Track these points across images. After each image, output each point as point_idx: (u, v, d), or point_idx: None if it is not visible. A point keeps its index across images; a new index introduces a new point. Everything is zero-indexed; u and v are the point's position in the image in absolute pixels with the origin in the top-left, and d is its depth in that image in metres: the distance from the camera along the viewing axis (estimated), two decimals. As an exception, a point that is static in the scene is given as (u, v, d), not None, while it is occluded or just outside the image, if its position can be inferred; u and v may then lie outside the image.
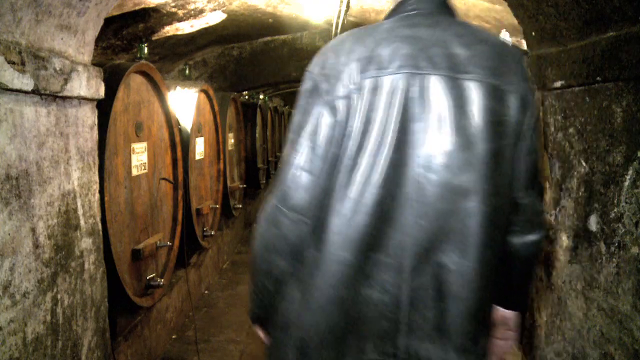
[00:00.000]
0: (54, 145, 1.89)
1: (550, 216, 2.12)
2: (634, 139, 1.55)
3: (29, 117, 1.74)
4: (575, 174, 1.91)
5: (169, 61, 4.64)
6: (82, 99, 2.10)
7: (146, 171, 3.06)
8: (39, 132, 1.79)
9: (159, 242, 3.14)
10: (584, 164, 1.85)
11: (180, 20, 3.60)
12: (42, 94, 1.79)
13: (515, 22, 2.30)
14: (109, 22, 3.02)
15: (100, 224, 2.29)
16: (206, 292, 4.70)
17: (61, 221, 1.94)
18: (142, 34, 3.50)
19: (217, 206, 4.72)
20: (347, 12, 3.59)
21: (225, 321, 4.05)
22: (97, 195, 2.27)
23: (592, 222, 1.78)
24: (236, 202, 5.64)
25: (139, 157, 2.96)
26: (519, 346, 2.53)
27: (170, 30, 3.72)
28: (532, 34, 2.17)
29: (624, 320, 1.55)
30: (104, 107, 2.39)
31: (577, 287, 1.87)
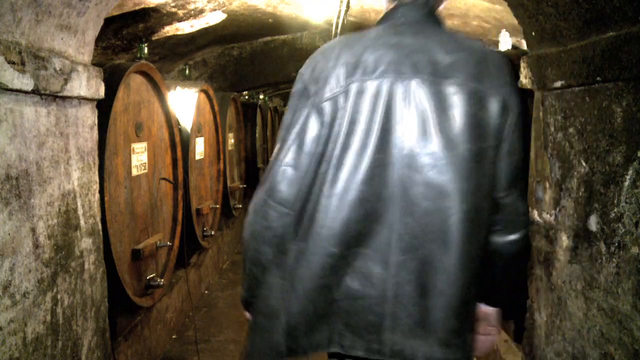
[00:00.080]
0: (54, 145, 1.89)
1: (550, 216, 2.12)
2: (634, 139, 1.55)
3: (29, 117, 1.74)
4: (575, 174, 1.92)
5: (169, 61, 4.64)
6: (82, 99, 2.10)
7: (146, 171, 3.06)
8: (39, 132, 1.79)
9: (159, 242, 3.14)
10: (584, 164, 1.85)
11: (180, 20, 3.60)
12: (42, 94, 1.79)
13: (515, 22, 2.30)
14: (109, 22, 3.01)
15: (100, 224, 2.30)
16: (206, 292, 4.70)
17: (61, 221, 1.94)
18: (142, 34, 3.50)
19: (217, 206, 4.72)
20: (347, 12, 3.59)
21: (225, 321, 4.05)
22: (97, 195, 2.27)
23: (592, 222, 1.78)
24: (236, 202, 5.64)
25: (139, 157, 2.96)
26: (519, 346, 2.53)
27: (170, 30, 3.72)
28: (532, 34, 2.17)
29: (624, 320, 1.55)
30: (104, 107, 2.39)
31: (577, 287, 1.87)
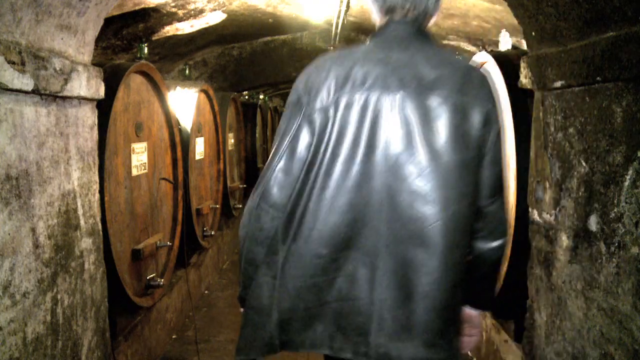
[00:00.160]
0: (54, 145, 1.89)
1: (550, 216, 2.12)
2: (634, 139, 1.56)
3: (29, 117, 1.74)
4: (575, 174, 1.92)
5: (169, 61, 4.64)
6: (82, 99, 2.10)
7: (146, 171, 3.06)
8: (39, 132, 1.79)
9: (159, 242, 3.14)
10: (584, 164, 1.85)
11: (180, 20, 3.60)
12: (42, 94, 1.79)
13: (515, 22, 2.30)
14: (109, 22, 3.01)
15: (100, 224, 2.30)
16: (206, 292, 4.70)
17: (61, 221, 1.94)
18: (142, 34, 3.50)
19: (217, 206, 4.72)
20: (347, 12, 3.59)
21: (225, 321, 4.05)
22: (97, 195, 2.27)
23: (592, 222, 1.78)
24: (236, 202, 5.64)
25: (139, 157, 2.96)
26: (519, 346, 2.53)
27: (170, 30, 3.72)
28: (532, 34, 2.18)
29: (624, 320, 1.55)
30: (104, 107, 2.39)
31: (577, 287, 1.87)
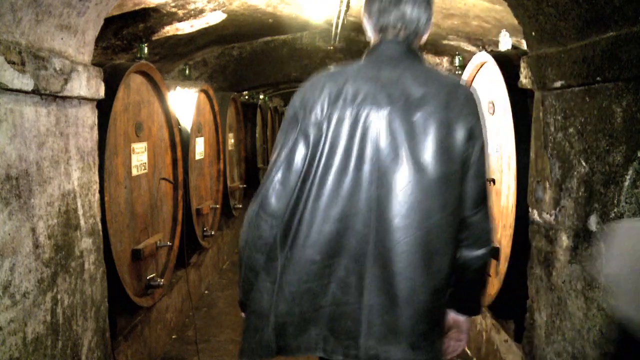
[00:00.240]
0: (54, 145, 1.89)
1: (550, 216, 2.12)
2: (634, 139, 1.55)
3: (29, 117, 1.74)
4: (575, 174, 1.92)
5: (169, 61, 4.64)
6: (82, 99, 2.10)
7: (146, 171, 3.06)
8: (39, 132, 1.79)
9: (159, 242, 3.14)
10: (584, 164, 1.85)
11: (180, 20, 3.60)
12: (42, 94, 1.79)
13: (515, 22, 2.30)
14: (109, 22, 3.01)
15: (100, 224, 2.30)
16: (206, 292, 4.70)
17: (61, 221, 1.94)
18: (142, 34, 3.50)
19: (217, 206, 4.72)
20: (347, 12, 3.59)
21: (225, 321, 4.05)
22: (97, 195, 2.27)
23: (592, 222, 1.78)
24: (236, 202, 5.64)
25: (139, 157, 2.96)
26: (519, 346, 2.53)
27: (170, 30, 3.72)
28: (532, 34, 2.17)
29: (624, 320, 1.55)
30: (104, 107, 2.39)
31: (577, 287, 1.87)
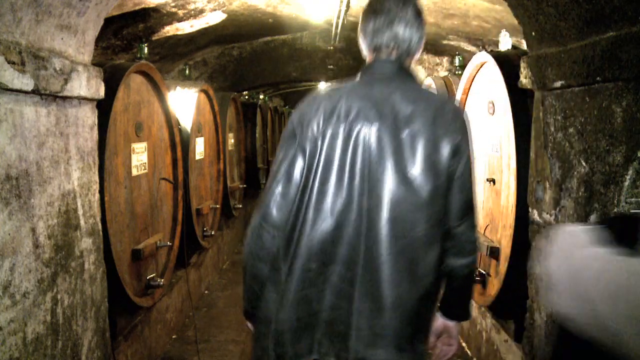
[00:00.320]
0: (54, 145, 1.89)
1: (550, 216, 2.12)
2: (634, 139, 1.55)
3: (29, 117, 1.74)
4: (575, 174, 1.92)
5: (169, 61, 4.64)
6: (82, 99, 2.10)
7: (146, 171, 3.06)
8: (39, 132, 1.79)
9: (159, 242, 3.14)
10: (584, 164, 1.85)
11: (180, 20, 3.60)
12: (42, 94, 1.79)
13: (515, 22, 2.30)
14: (109, 22, 3.01)
15: (100, 224, 2.30)
16: (206, 292, 4.70)
17: (61, 221, 1.94)
18: (142, 34, 3.50)
19: (217, 206, 4.72)
20: (347, 12, 3.60)
21: (225, 321, 4.05)
22: (97, 195, 2.27)
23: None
24: (236, 202, 5.64)
25: (139, 157, 2.96)
26: (519, 346, 2.53)
27: (170, 30, 3.72)
28: (532, 34, 2.17)
29: (624, 320, 1.55)
30: (104, 107, 2.39)
31: (577, 287, 1.87)
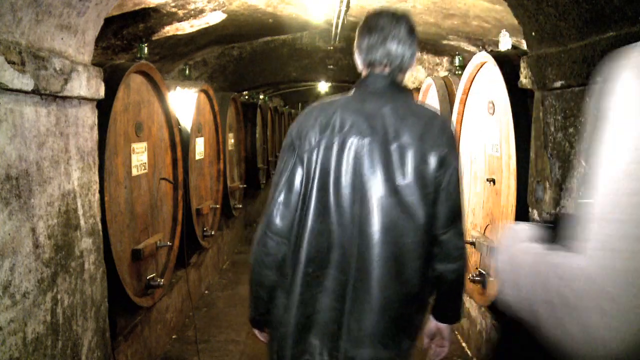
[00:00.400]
0: (54, 145, 1.89)
1: (550, 216, 2.12)
2: (634, 139, 1.55)
3: (29, 117, 1.74)
4: (575, 174, 1.91)
5: (169, 61, 4.64)
6: (82, 99, 2.10)
7: (146, 171, 3.06)
8: (39, 132, 1.79)
9: (159, 242, 3.14)
10: (584, 164, 1.85)
11: (180, 20, 3.60)
12: (42, 94, 1.79)
13: (515, 22, 2.30)
14: (109, 22, 3.01)
15: (100, 224, 2.30)
16: (206, 292, 4.70)
17: (61, 221, 1.94)
18: (142, 34, 3.50)
19: (217, 206, 4.72)
20: (347, 12, 3.60)
21: (225, 321, 4.05)
22: (97, 195, 2.27)
23: (592, 222, 1.77)
24: (236, 202, 5.64)
25: (139, 157, 2.96)
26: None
27: (170, 30, 3.72)
28: (532, 34, 2.17)
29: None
30: (104, 107, 2.39)
31: (577, 287, 1.87)
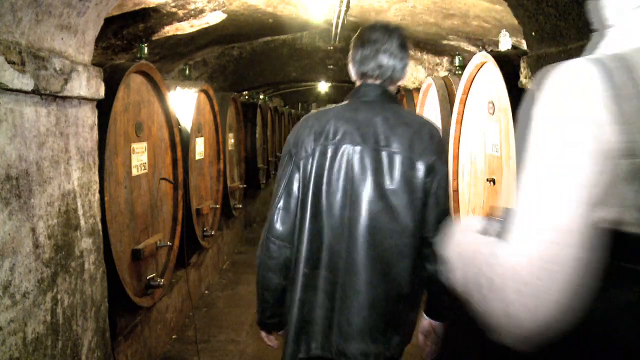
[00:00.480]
0: (54, 145, 1.90)
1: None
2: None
3: (29, 117, 1.74)
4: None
5: (169, 61, 4.64)
6: (82, 99, 2.10)
7: (146, 171, 3.06)
8: (39, 132, 1.79)
9: (159, 242, 3.14)
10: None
11: (180, 20, 3.60)
12: (42, 94, 1.79)
13: (515, 22, 2.30)
14: (109, 22, 3.01)
15: (100, 224, 2.30)
16: (206, 292, 4.70)
17: (61, 221, 1.94)
18: (142, 34, 3.50)
19: (217, 206, 4.72)
20: (347, 12, 3.60)
21: (225, 321, 4.05)
22: (97, 195, 2.27)
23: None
24: (236, 202, 5.64)
25: (139, 157, 2.96)
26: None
27: (170, 30, 3.72)
28: (532, 34, 2.17)
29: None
30: (104, 107, 2.39)
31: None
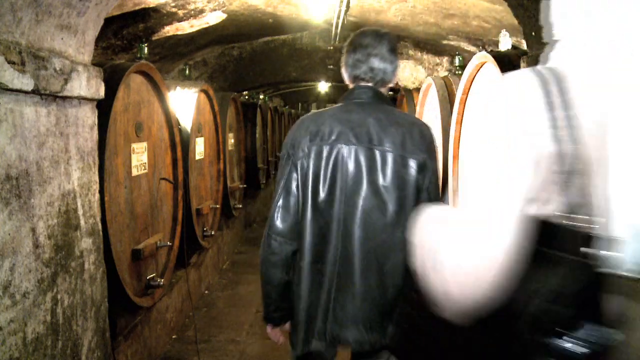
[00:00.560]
0: (54, 145, 1.90)
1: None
2: (634, 139, 1.55)
3: (29, 117, 1.74)
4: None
5: (169, 61, 4.64)
6: (82, 99, 2.10)
7: (146, 171, 3.06)
8: (39, 132, 1.79)
9: (159, 242, 3.14)
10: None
11: (180, 20, 3.60)
12: (42, 94, 1.79)
13: (515, 22, 2.30)
14: (109, 22, 3.02)
15: (100, 224, 2.30)
16: (206, 292, 4.70)
17: (61, 221, 1.94)
18: (142, 34, 3.50)
19: (217, 206, 4.72)
20: (347, 12, 3.60)
21: (225, 321, 4.05)
22: (97, 195, 2.27)
23: (592, 222, 1.78)
24: (236, 202, 5.64)
25: (139, 157, 2.96)
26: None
27: (170, 30, 3.72)
28: (532, 34, 2.17)
29: (623, 320, 1.55)
30: (104, 107, 2.39)
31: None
